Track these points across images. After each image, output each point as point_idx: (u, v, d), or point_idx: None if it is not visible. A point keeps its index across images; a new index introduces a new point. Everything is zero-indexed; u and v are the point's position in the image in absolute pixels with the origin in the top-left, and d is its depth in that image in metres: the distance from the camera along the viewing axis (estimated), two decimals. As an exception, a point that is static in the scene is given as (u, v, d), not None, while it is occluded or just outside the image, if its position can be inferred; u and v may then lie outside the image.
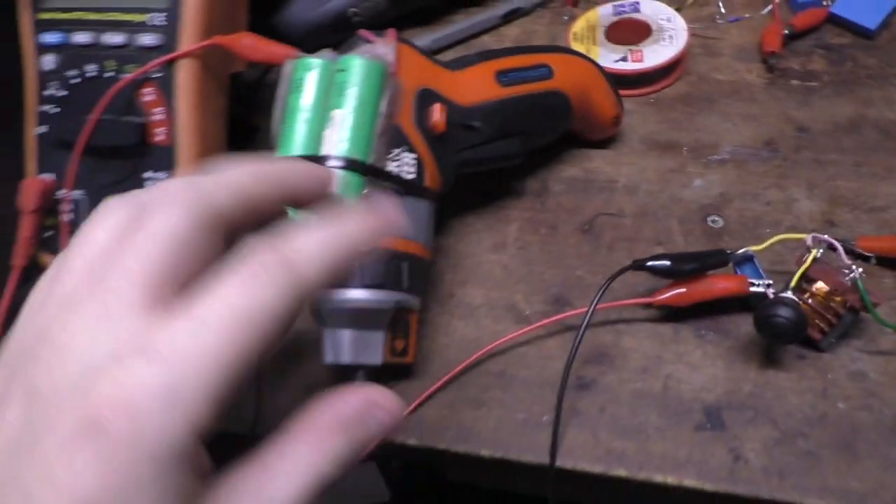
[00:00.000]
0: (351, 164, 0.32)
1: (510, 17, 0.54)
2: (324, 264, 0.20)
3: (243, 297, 0.19)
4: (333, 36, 0.47)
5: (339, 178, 0.32)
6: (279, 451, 0.20)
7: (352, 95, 0.32)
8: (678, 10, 0.50)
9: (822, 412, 0.32)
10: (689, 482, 0.32)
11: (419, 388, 0.36)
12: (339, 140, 0.32)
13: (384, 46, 0.35)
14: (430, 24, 0.55)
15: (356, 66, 0.33)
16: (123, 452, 0.17)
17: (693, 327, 0.36)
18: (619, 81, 0.45)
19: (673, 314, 0.36)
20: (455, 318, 0.38)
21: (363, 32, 0.36)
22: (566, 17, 0.53)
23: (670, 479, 0.32)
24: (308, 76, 0.33)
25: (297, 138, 0.33)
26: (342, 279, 0.24)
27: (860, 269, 0.32)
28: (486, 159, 0.39)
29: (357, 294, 0.33)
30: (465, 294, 0.39)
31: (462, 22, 0.53)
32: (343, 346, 0.33)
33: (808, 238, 0.34)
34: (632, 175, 0.43)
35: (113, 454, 0.17)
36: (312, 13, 0.52)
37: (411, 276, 0.34)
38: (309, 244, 0.20)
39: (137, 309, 0.18)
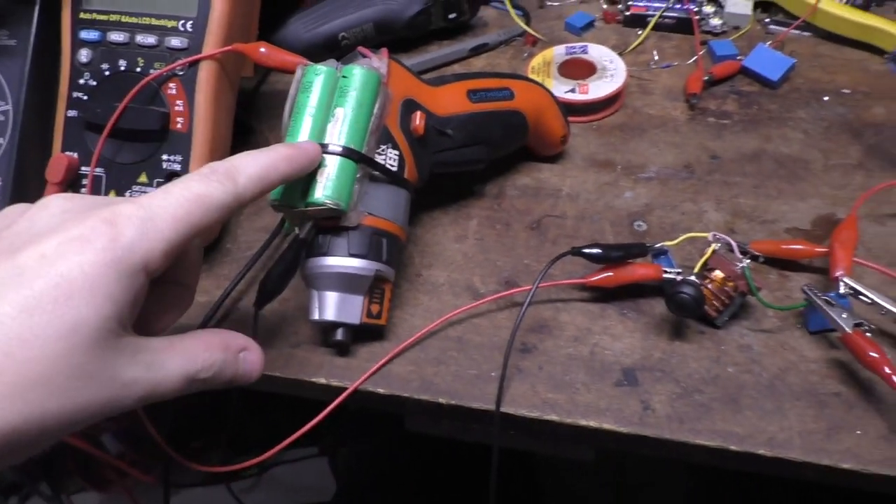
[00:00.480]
0: (348, 152, 0.39)
1: (478, 50, 0.62)
2: (253, 179, 0.32)
3: (197, 187, 0.29)
4: (324, 55, 0.54)
5: (340, 163, 0.39)
6: (181, 342, 0.31)
7: (352, 97, 0.40)
8: (620, 54, 0.60)
9: (715, 374, 0.40)
10: (608, 426, 0.39)
11: (389, 347, 0.42)
12: (339, 132, 0.39)
13: (379, 61, 0.43)
14: (409, 51, 0.63)
15: (357, 74, 0.40)
16: (102, 248, 0.26)
17: (617, 307, 0.44)
18: (568, 109, 0.53)
19: (601, 296, 0.44)
20: (421, 294, 0.45)
21: (361, 49, 0.44)
22: (525, 54, 0.62)
23: (592, 423, 0.39)
24: (316, 80, 0.40)
25: (304, 129, 0.39)
26: (267, 191, 0.34)
27: (749, 262, 0.41)
28: (457, 162, 0.46)
29: (344, 261, 0.40)
30: (431, 275, 0.46)
31: (436, 52, 0.61)
32: (328, 305, 0.40)
33: (710, 235, 0.42)
34: (574, 185, 0.51)
35: (95, 248, 0.26)
36: (307, 34, 0.59)
37: (389, 251, 0.41)
38: (247, 163, 0.32)
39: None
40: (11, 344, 0.24)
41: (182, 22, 0.44)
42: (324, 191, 0.38)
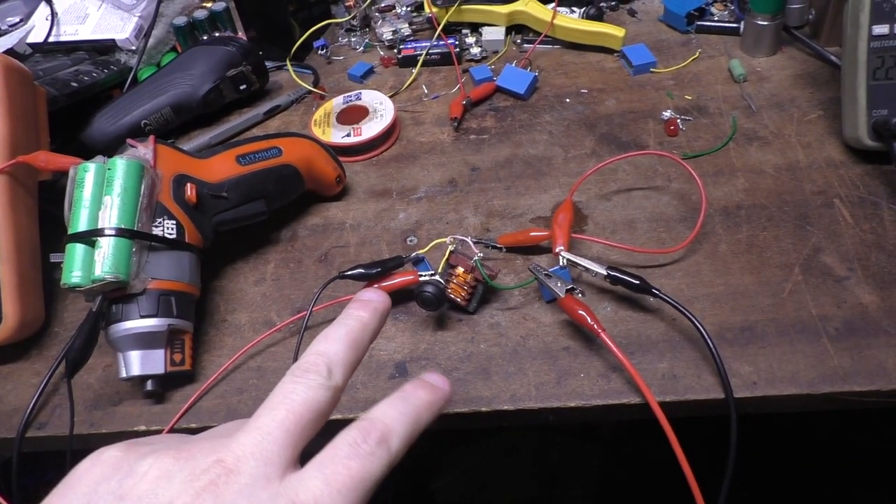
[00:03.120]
0: (120, 232, 0.46)
1: (271, 113, 0.70)
2: (404, 437, 0.28)
3: (358, 467, 0.26)
4: (128, 143, 0.62)
5: (114, 242, 0.45)
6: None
7: (117, 185, 0.46)
8: (396, 93, 0.68)
9: (470, 352, 0.48)
10: (386, 414, 0.46)
11: (199, 387, 0.49)
12: (110, 216, 0.46)
13: (144, 149, 0.50)
14: (211, 125, 0.70)
15: (119, 165, 0.47)
16: None
17: (391, 314, 0.51)
18: (348, 151, 0.61)
19: (377, 306, 0.52)
20: (226, 336, 0.52)
21: (129, 140, 0.51)
22: (315, 109, 0.70)
23: (374, 415, 0.46)
24: (86, 176, 0.47)
25: (82, 220, 0.46)
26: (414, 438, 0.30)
27: (481, 254, 0.49)
28: (237, 218, 0.53)
29: (137, 323, 0.46)
30: (235, 318, 0.53)
31: (234, 121, 0.69)
32: (131, 363, 0.46)
33: (448, 239, 0.51)
34: (357, 216, 0.59)
35: None
36: (112, 127, 0.66)
37: (179, 306, 0.48)
38: (398, 426, 0.28)
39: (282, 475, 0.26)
40: None
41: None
42: (102, 268, 0.44)
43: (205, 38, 0.76)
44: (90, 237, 0.45)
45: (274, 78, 0.74)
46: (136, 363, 0.47)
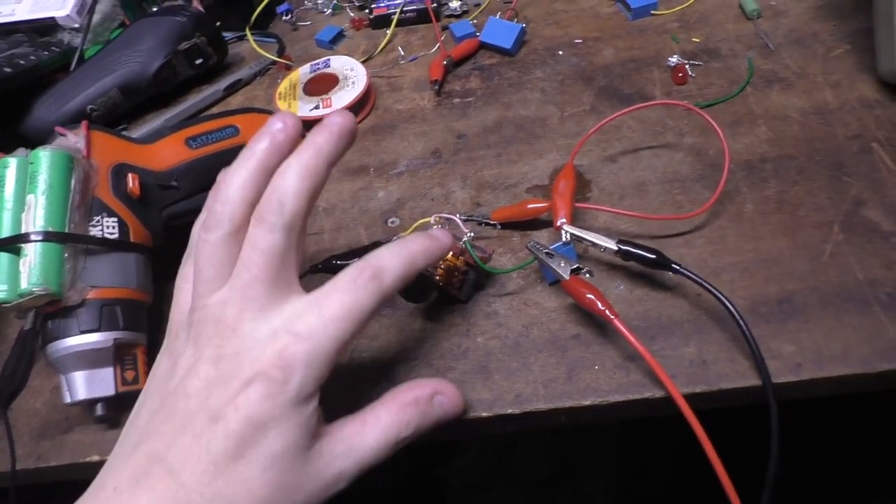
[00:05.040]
0: (48, 236, 0.39)
1: (233, 88, 0.63)
2: (398, 278, 0.33)
3: (347, 299, 0.31)
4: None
5: (41, 248, 0.39)
6: (372, 414, 0.33)
7: (41, 181, 0.40)
8: (369, 58, 0.61)
9: (465, 348, 0.42)
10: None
11: (161, 407, 0.43)
12: (34, 218, 0.39)
13: (74, 136, 0.43)
14: (167, 106, 0.63)
15: (42, 157, 0.40)
16: (279, 392, 0.29)
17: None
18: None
19: (357, 301, 0.45)
20: (189, 345, 0.46)
21: (58, 128, 0.44)
22: (279, 81, 0.63)
23: (359, 427, 0.40)
24: (7, 173, 0.40)
25: (4, 226, 0.39)
26: (409, 281, 0.34)
27: (472, 234, 0.42)
28: (192, 210, 0.47)
29: (78, 339, 0.40)
30: (198, 323, 0.47)
31: (192, 100, 0.62)
32: (76, 385, 0.40)
33: (432, 218, 0.44)
34: (330, 199, 0.52)
35: (273, 392, 0.29)
36: (53, 115, 0.59)
37: (127, 316, 0.41)
38: (391, 263, 0.33)
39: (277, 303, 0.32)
40: (230, 491, 0.28)
41: None
42: (29, 279, 0.38)
43: (154, 9, 0.68)
44: (13, 244, 0.39)
45: (234, 50, 0.67)
46: (81, 386, 0.40)
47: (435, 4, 0.64)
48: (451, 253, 0.42)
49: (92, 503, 0.29)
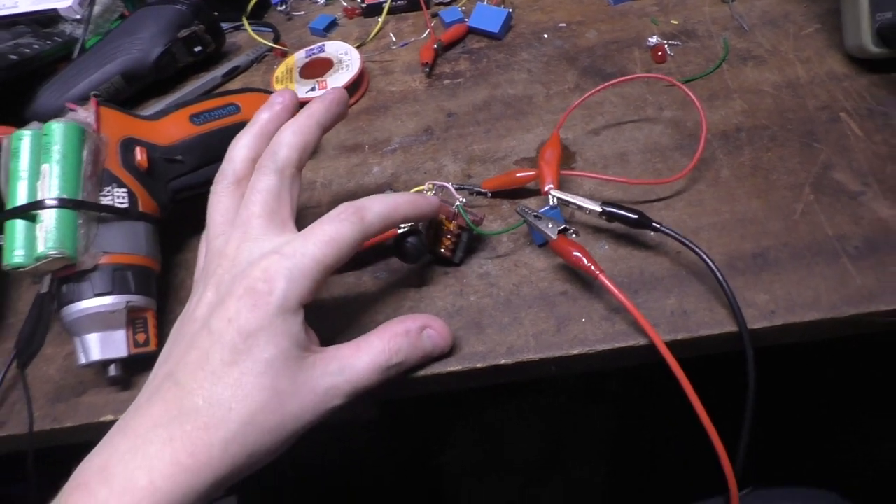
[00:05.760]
0: (63, 202, 0.41)
1: (231, 74, 0.65)
2: (379, 216, 0.37)
3: (331, 229, 0.35)
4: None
5: (56, 214, 0.41)
6: (366, 340, 0.37)
7: (55, 151, 0.42)
8: (362, 44, 0.63)
9: (459, 306, 0.44)
10: (373, 379, 0.42)
11: (170, 368, 0.45)
12: (49, 186, 0.41)
13: (85, 111, 0.45)
14: (167, 92, 0.65)
15: (56, 129, 0.42)
16: (264, 302, 0.33)
17: (371, 272, 0.47)
18: (314, 107, 0.57)
19: (356, 264, 0.47)
20: (196, 311, 0.48)
21: (68, 104, 0.46)
22: (276, 67, 0.65)
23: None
24: (21, 144, 0.42)
25: (20, 193, 0.42)
26: (390, 228, 0.38)
27: (464, 200, 0.45)
28: (197, 184, 0.49)
29: (92, 302, 0.42)
30: (203, 291, 0.49)
31: (191, 85, 0.64)
32: (90, 347, 0.42)
33: (426, 185, 0.46)
34: (327, 174, 0.54)
35: (258, 302, 0.33)
36: (59, 100, 0.61)
37: (138, 281, 0.43)
38: (374, 203, 0.37)
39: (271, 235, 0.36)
40: (228, 395, 0.32)
41: None
42: (45, 244, 0.40)
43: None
44: (30, 210, 0.41)
45: (231, 39, 0.70)
46: (96, 347, 0.42)
47: (425, -8, 0.67)
48: (444, 216, 0.45)
49: (121, 421, 0.33)
